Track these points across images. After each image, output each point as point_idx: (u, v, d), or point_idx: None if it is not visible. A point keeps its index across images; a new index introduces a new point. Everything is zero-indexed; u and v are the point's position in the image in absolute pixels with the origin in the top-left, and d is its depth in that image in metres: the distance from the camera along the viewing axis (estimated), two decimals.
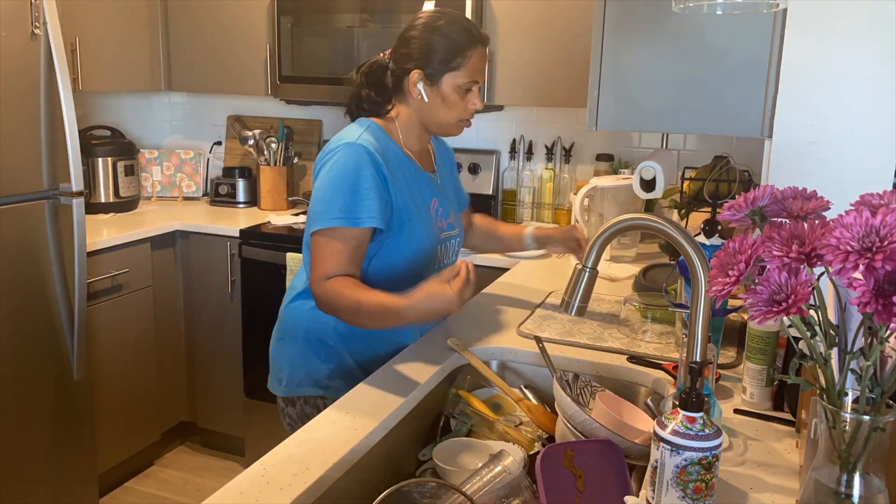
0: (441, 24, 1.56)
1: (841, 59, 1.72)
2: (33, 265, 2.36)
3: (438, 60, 1.55)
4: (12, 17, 2.23)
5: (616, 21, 2.01)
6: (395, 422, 1.31)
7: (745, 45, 1.87)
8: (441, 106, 1.59)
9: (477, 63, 1.58)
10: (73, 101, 2.38)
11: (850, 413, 0.84)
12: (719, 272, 0.88)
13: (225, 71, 3.22)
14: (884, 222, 0.75)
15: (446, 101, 1.58)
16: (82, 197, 2.44)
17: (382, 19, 2.83)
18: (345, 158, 1.51)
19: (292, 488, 1.05)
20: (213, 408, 3.17)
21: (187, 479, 3.04)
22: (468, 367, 1.56)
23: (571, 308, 1.26)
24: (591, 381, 1.43)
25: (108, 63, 3.08)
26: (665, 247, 2.46)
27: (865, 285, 0.75)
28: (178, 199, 3.53)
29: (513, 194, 3.15)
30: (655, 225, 1.15)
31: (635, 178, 2.31)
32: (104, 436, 2.76)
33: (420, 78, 1.57)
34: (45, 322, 2.41)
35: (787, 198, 0.94)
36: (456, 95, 1.58)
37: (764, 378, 1.34)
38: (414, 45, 1.57)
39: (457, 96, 1.58)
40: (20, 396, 2.35)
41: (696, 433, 0.91)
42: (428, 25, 1.57)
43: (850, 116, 1.72)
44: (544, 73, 2.71)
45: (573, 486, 1.07)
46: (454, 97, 1.58)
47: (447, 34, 1.55)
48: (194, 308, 3.11)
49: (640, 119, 2.05)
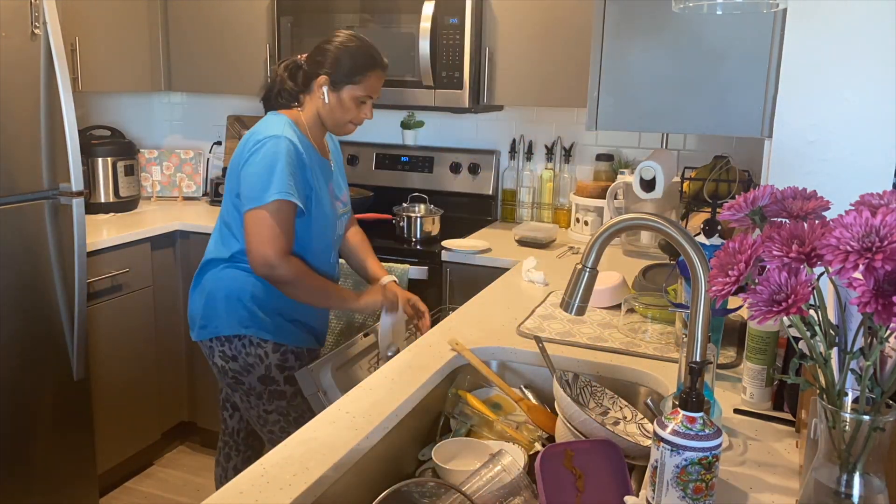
0: (352, 46, 1.91)
1: (841, 58, 1.72)
2: (33, 265, 2.36)
3: (343, 73, 1.90)
4: (12, 17, 2.23)
5: (616, 21, 2.01)
6: (395, 422, 1.31)
7: (745, 45, 1.87)
8: (338, 108, 1.93)
9: (374, 82, 1.94)
10: (73, 101, 2.38)
11: (850, 413, 0.84)
12: (719, 272, 0.88)
13: (225, 71, 3.22)
14: (884, 222, 0.75)
15: (343, 106, 1.93)
16: (82, 197, 2.44)
17: (382, 19, 2.83)
18: (274, 149, 1.81)
19: (292, 488, 1.05)
20: (213, 408, 3.16)
21: (187, 479, 3.04)
22: (468, 367, 1.56)
23: (571, 308, 1.26)
24: (591, 381, 1.43)
25: (108, 63, 3.08)
26: (665, 247, 2.47)
27: (865, 285, 0.75)
28: (178, 199, 3.53)
29: (512, 194, 3.15)
30: (655, 225, 1.15)
31: (635, 178, 2.31)
32: (104, 436, 2.76)
33: (326, 83, 1.91)
34: (45, 322, 2.41)
35: (787, 198, 0.94)
36: (351, 104, 1.93)
37: (764, 378, 1.34)
38: (328, 56, 1.91)
39: (352, 104, 1.93)
40: (20, 396, 2.35)
41: (696, 433, 0.91)
42: (342, 44, 1.92)
43: (850, 116, 1.73)
44: (544, 73, 2.71)
45: (573, 486, 1.07)
46: (350, 105, 1.93)
47: (354, 55, 1.90)
48: None
49: (640, 119, 2.05)
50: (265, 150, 1.81)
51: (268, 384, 1.94)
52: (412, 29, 2.75)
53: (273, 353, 1.92)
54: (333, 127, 1.98)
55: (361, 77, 1.91)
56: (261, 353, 1.92)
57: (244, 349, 1.92)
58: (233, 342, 1.92)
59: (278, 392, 1.95)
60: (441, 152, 3.20)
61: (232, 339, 1.92)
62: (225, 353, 1.94)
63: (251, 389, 1.95)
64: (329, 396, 1.81)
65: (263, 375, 1.93)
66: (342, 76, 1.90)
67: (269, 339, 1.92)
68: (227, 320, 1.92)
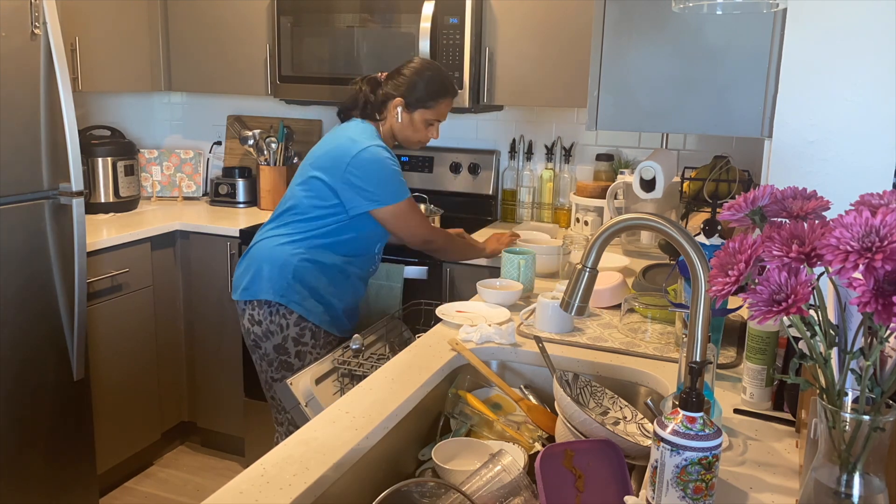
0: (427, 74, 2.15)
1: (841, 58, 1.72)
2: (33, 265, 2.36)
3: (416, 97, 2.14)
4: (12, 17, 2.23)
5: (616, 21, 2.01)
6: (394, 422, 1.31)
7: (744, 44, 1.87)
8: (409, 128, 2.18)
9: (443, 108, 2.19)
10: (73, 101, 2.38)
11: (850, 413, 0.83)
12: (719, 272, 0.88)
13: (225, 71, 3.22)
14: (884, 222, 0.75)
15: (414, 126, 2.17)
16: (82, 197, 2.44)
17: (382, 19, 2.83)
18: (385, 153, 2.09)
19: (292, 488, 1.05)
20: (213, 408, 3.17)
21: (187, 479, 3.04)
22: (468, 367, 1.56)
23: (571, 308, 1.26)
24: (591, 381, 1.43)
25: (108, 63, 3.08)
26: (665, 247, 2.47)
27: (865, 285, 0.75)
28: (177, 199, 3.53)
29: (512, 194, 3.15)
30: (655, 225, 1.15)
31: (635, 178, 2.31)
32: (104, 436, 2.76)
33: (401, 104, 2.14)
34: (46, 322, 2.42)
35: (787, 198, 0.94)
36: (421, 125, 2.18)
37: (764, 378, 1.34)
38: (403, 80, 2.15)
39: (422, 125, 2.18)
40: (20, 396, 2.35)
41: (696, 433, 0.91)
42: (418, 69, 2.15)
43: (850, 116, 1.73)
44: (544, 73, 2.71)
45: (573, 486, 1.07)
46: (420, 126, 2.18)
47: (429, 82, 2.14)
48: (194, 308, 3.11)
49: (640, 119, 2.05)
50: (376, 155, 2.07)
51: (280, 353, 2.12)
52: (412, 29, 2.75)
53: (294, 326, 2.10)
54: (404, 142, 2.22)
55: (433, 103, 2.15)
56: (283, 323, 2.10)
57: (270, 316, 2.11)
58: (263, 307, 2.11)
59: (287, 363, 2.13)
60: (441, 152, 3.20)
61: (263, 305, 2.11)
62: (253, 316, 2.13)
63: (265, 355, 2.14)
64: (311, 407, 1.82)
65: (279, 345, 2.12)
66: (415, 100, 2.14)
67: (296, 312, 2.10)
68: (267, 286, 2.11)
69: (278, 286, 2.10)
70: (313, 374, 1.87)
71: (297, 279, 2.10)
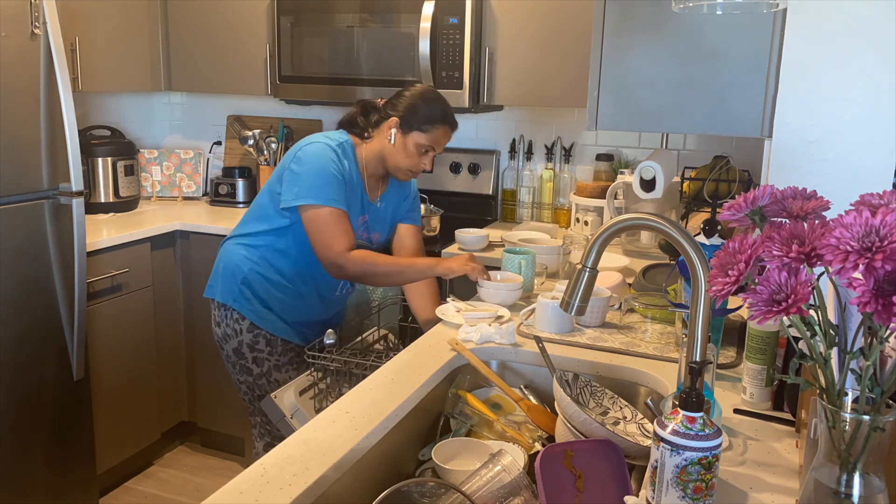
0: (429, 97, 2.04)
1: (841, 58, 1.72)
2: (33, 265, 2.36)
3: (414, 119, 2.00)
4: (12, 17, 2.23)
5: (616, 21, 2.01)
6: (394, 422, 1.31)
7: (744, 44, 1.87)
8: (401, 151, 2.03)
9: (440, 136, 2.04)
10: (72, 101, 2.38)
11: (850, 413, 0.83)
12: (719, 272, 0.88)
13: (225, 71, 3.22)
14: (884, 222, 0.75)
15: (406, 150, 2.02)
16: (82, 197, 2.44)
17: (382, 19, 2.83)
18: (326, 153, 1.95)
19: (292, 488, 1.05)
20: (213, 408, 3.17)
21: (187, 479, 3.04)
22: (468, 367, 1.56)
23: (571, 308, 1.26)
24: (591, 381, 1.43)
25: (108, 63, 3.08)
26: (665, 247, 2.47)
27: (865, 285, 0.75)
28: (177, 199, 3.53)
29: (512, 194, 3.15)
30: (655, 225, 1.15)
31: (635, 178, 2.31)
32: (104, 436, 2.76)
33: (396, 125, 2.01)
34: (46, 322, 2.41)
35: (787, 198, 0.94)
36: (415, 150, 2.02)
37: (764, 378, 1.34)
38: (403, 100, 2.03)
39: (415, 151, 2.03)
40: (20, 396, 2.35)
41: (696, 433, 0.91)
42: (420, 93, 2.04)
43: (850, 116, 1.73)
44: (544, 73, 2.71)
45: (573, 486, 1.07)
46: (413, 151, 2.02)
47: (429, 106, 2.01)
48: (194, 308, 3.11)
49: (640, 119, 2.05)
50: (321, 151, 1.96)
51: (239, 357, 2.08)
52: (412, 29, 2.75)
53: (247, 333, 2.05)
54: (392, 168, 2.07)
55: (430, 127, 2.01)
56: (237, 328, 2.06)
57: (226, 319, 2.08)
58: (220, 309, 2.09)
59: (246, 368, 2.08)
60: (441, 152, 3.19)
61: (220, 307, 2.09)
62: (215, 316, 2.12)
63: (228, 357, 2.12)
64: (297, 418, 1.80)
65: (236, 349, 2.08)
66: (412, 122, 2.01)
67: (247, 319, 2.05)
68: (221, 289, 2.09)
69: (229, 290, 2.06)
70: (297, 386, 1.85)
71: (246, 285, 2.04)
